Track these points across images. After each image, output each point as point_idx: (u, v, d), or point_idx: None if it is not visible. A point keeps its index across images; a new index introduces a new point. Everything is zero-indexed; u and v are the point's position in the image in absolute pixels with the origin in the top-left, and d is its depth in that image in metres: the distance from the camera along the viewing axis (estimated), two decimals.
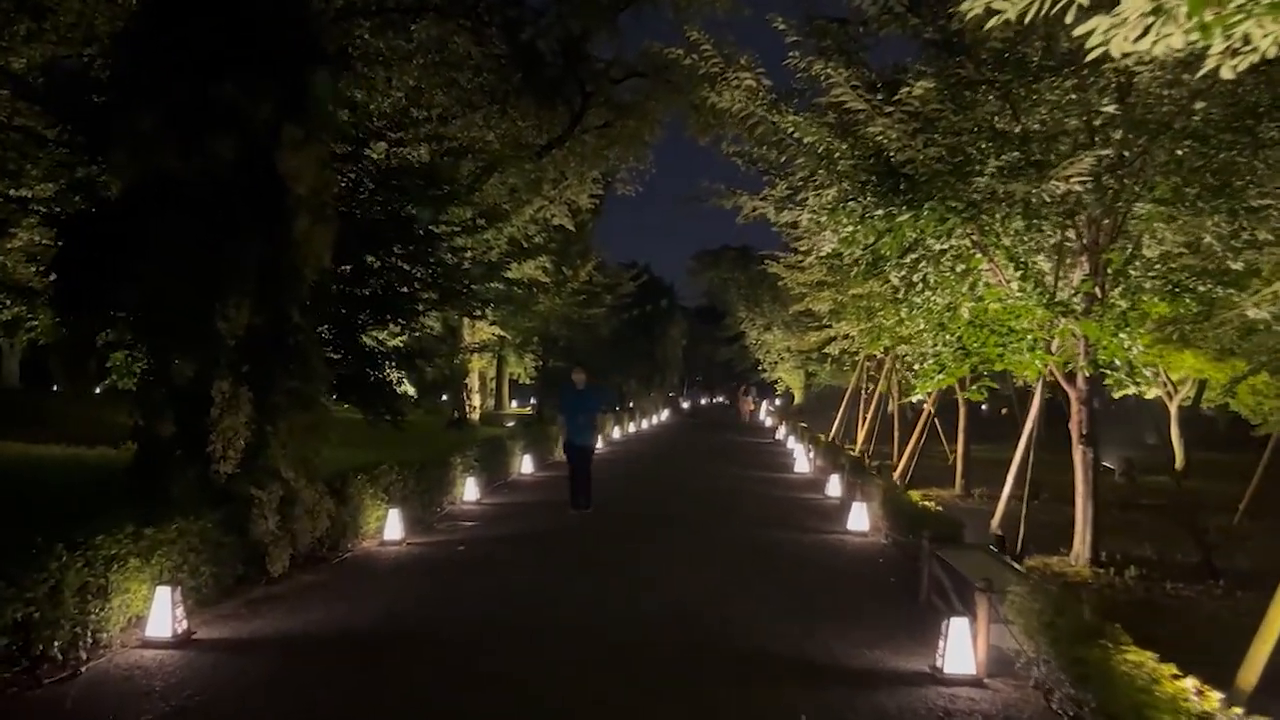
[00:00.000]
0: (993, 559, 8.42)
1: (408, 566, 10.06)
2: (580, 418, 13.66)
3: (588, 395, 14.11)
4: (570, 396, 14.17)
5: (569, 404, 14.08)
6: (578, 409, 13.78)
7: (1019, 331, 9.34)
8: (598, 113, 20.99)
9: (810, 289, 27.65)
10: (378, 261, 13.20)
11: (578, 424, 13.70)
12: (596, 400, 14.34)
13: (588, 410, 13.81)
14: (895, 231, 9.34)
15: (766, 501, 16.09)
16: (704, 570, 10.11)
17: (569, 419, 13.86)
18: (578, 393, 14.03)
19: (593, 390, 14.50)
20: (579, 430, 13.67)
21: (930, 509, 10.55)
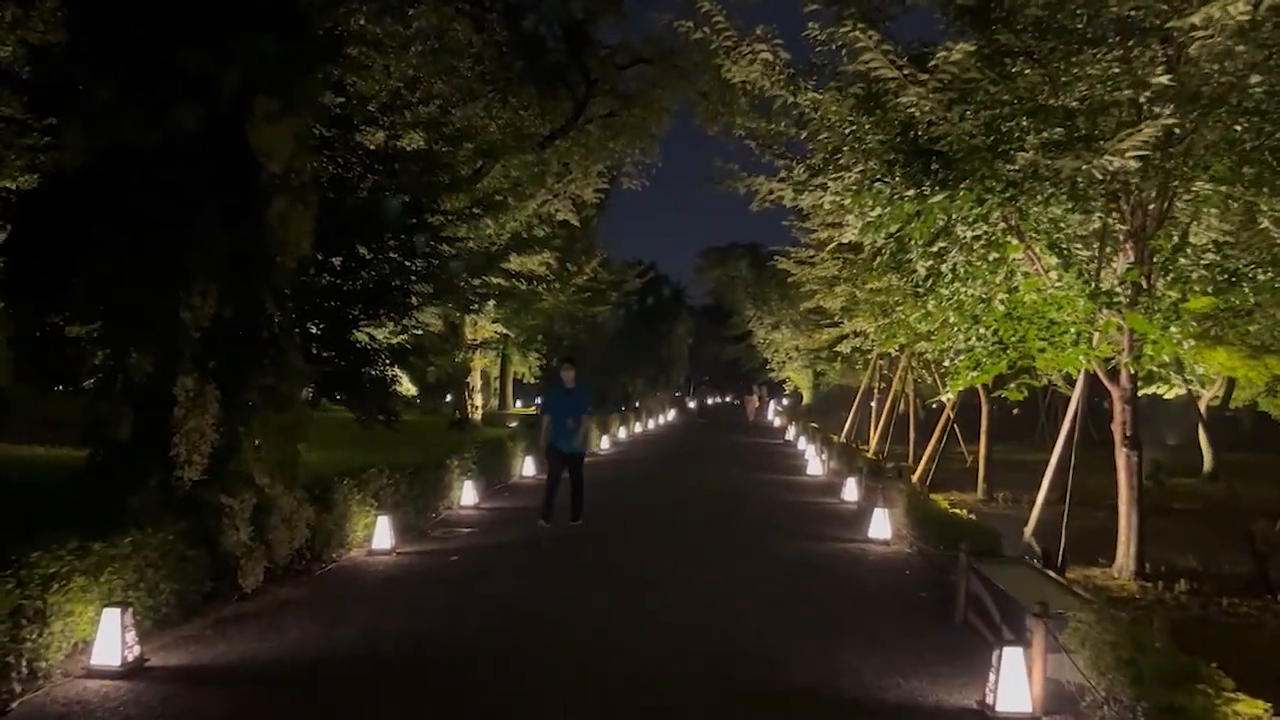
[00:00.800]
0: (1038, 574, 7.63)
1: (396, 579, 9.29)
2: (569, 420, 12.13)
3: (576, 395, 12.47)
4: (555, 396, 12.66)
5: (554, 405, 12.48)
6: (565, 410, 12.23)
7: (1060, 324, 8.53)
8: (602, 102, 20.23)
9: (821, 285, 26.91)
10: (370, 253, 12.44)
11: (565, 428, 12.16)
12: (585, 401, 12.58)
13: (576, 412, 12.20)
14: (925, 216, 8.54)
15: (780, 507, 15.30)
16: (718, 583, 9.33)
17: (555, 422, 12.20)
18: (565, 392, 12.47)
19: (581, 390, 12.77)
20: (565, 435, 12.13)
21: (962, 517, 9.76)
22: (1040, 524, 10.73)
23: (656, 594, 8.82)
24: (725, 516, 14.07)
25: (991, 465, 16.86)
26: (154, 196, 7.30)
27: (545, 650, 6.97)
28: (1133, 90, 7.59)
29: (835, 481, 18.28)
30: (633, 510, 14.65)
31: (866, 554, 11.00)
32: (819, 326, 34.29)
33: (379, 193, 12.42)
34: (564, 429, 12.08)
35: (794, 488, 18.01)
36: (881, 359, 27.89)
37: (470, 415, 28.79)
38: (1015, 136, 7.81)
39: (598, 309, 35.06)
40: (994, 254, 9.74)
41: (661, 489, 17.72)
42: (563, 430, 12.09)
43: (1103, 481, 19.34)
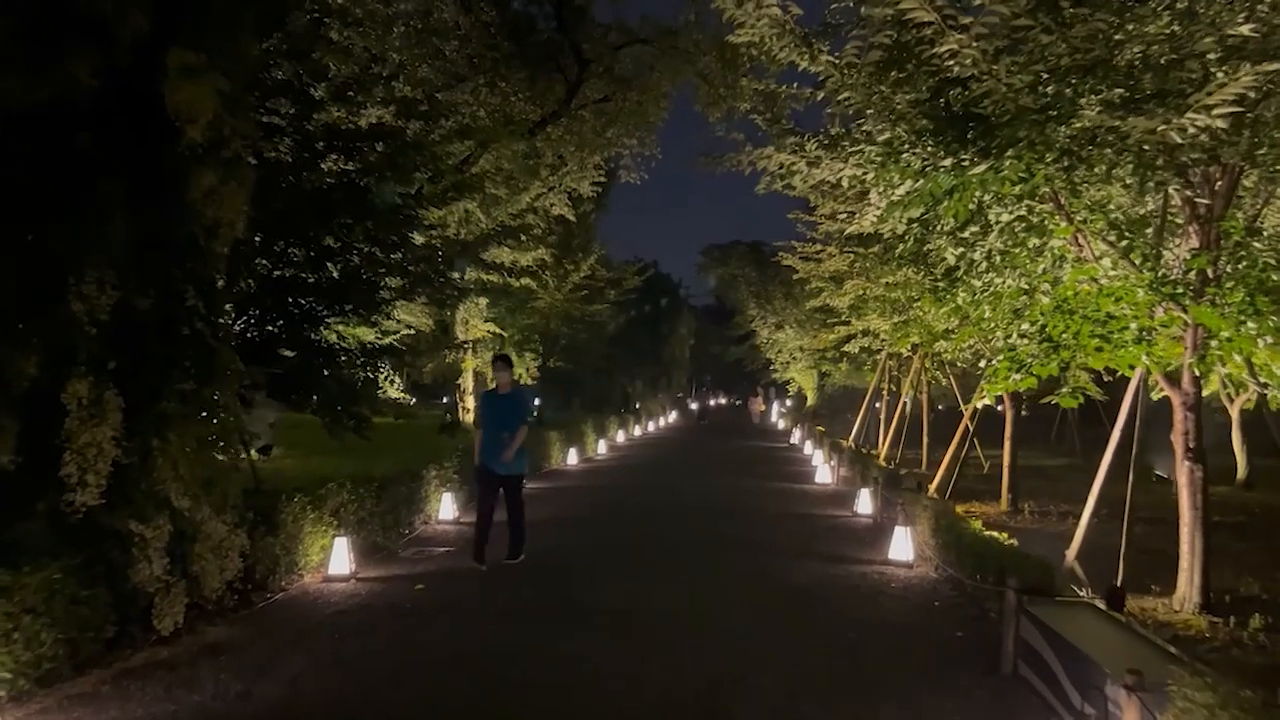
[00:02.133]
0: (1105, 619, 6.37)
1: (347, 613, 8.05)
2: (501, 434, 9.81)
3: (510, 403, 10.09)
4: (486, 405, 10.38)
5: (484, 415, 10.29)
6: (496, 422, 9.93)
7: (1120, 318, 7.27)
8: (596, 85, 18.97)
9: (828, 283, 25.70)
10: (336, 241, 11.18)
11: (497, 443, 9.80)
12: (521, 410, 10.16)
13: (509, 423, 9.86)
14: (961, 193, 7.29)
15: (787, 521, 14.04)
16: (723, 621, 8.07)
17: (486, 435, 9.97)
18: (498, 399, 10.14)
19: (517, 396, 10.39)
20: (498, 452, 9.80)
21: (1001, 542, 8.49)
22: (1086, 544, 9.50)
23: (646, 637, 7.56)
24: (727, 533, 12.80)
25: (1015, 474, 15.58)
26: (38, 165, 6.06)
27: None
28: (1213, 39, 6.33)
29: (846, 491, 17.02)
30: (624, 526, 13.41)
31: (887, 580, 9.74)
32: (825, 326, 33.12)
33: (346, 175, 11.18)
34: (495, 445, 9.83)
35: (802, 498, 16.75)
36: (891, 360, 26.68)
37: (463, 418, 27.53)
38: (1071, 96, 6.55)
39: (595, 308, 33.77)
40: (1034, 239, 8.50)
41: (657, 500, 16.45)
42: (494, 446, 9.84)
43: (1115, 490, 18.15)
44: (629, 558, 10.87)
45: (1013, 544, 8.46)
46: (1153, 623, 8.02)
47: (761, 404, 53.26)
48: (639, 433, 35.28)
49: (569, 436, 22.76)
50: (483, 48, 17.94)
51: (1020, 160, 6.59)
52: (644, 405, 47.16)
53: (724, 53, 17.32)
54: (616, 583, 9.45)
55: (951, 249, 8.94)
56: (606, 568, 10.24)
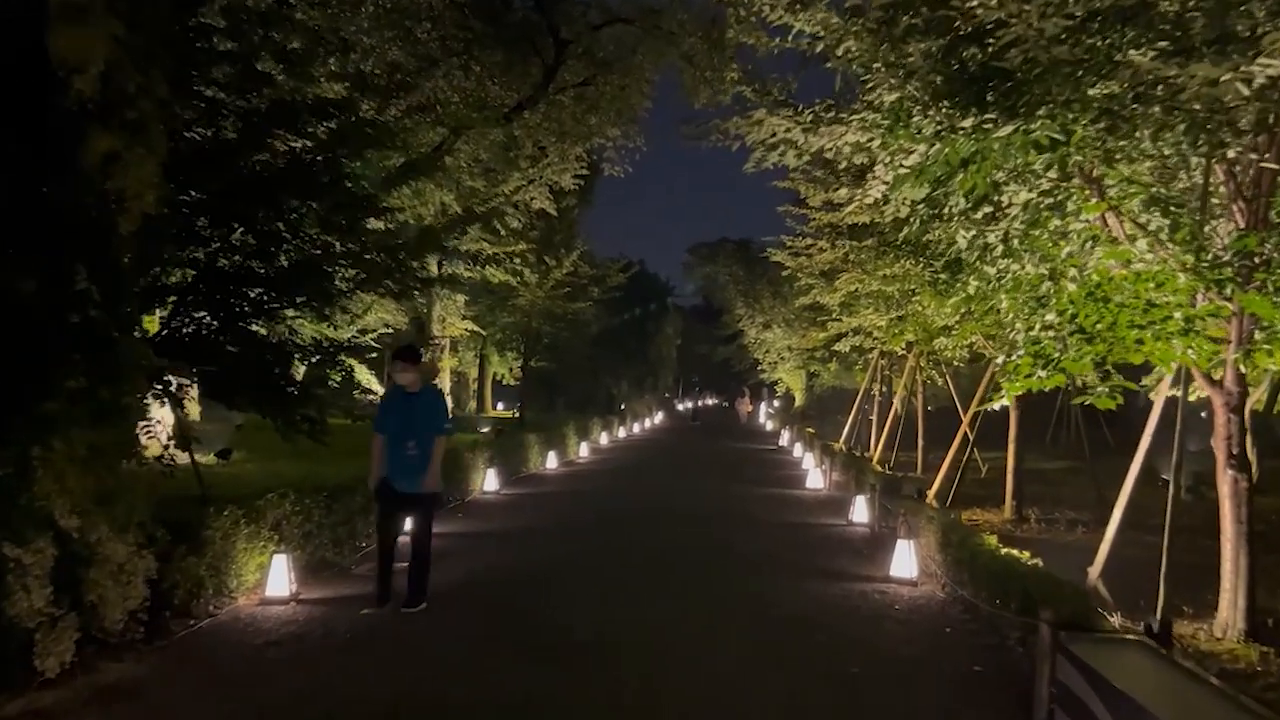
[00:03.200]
0: (1157, 659, 5.41)
1: (282, 644, 7.03)
2: (407, 444, 7.93)
3: (419, 406, 8.12)
4: (391, 408, 8.22)
5: (388, 420, 8.14)
6: (402, 428, 8.00)
7: (1162, 306, 6.31)
8: (575, 68, 18.00)
9: (818, 280, 24.81)
10: (285, 227, 10.15)
11: (402, 455, 7.93)
12: (435, 414, 8.21)
13: (419, 431, 7.99)
14: (981, 160, 6.32)
15: (778, 531, 13.06)
16: (710, 651, 7.09)
17: (389, 445, 8.01)
18: (405, 399, 8.14)
19: (429, 397, 8.36)
20: (403, 466, 7.94)
21: (1022, 561, 7.52)
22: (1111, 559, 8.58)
23: (621, 674, 6.57)
24: (715, 546, 11.83)
25: (1020, 480, 14.64)
26: None
27: None
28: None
29: (840, 498, 16.07)
30: (602, 538, 12.42)
31: (889, 600, 8.77)
32: (814, 324, 32.23)
33: (294, 154, 10.16)
34: (400, 457, 7.91)
35: (793, 505, 15.77)
36: (884, 359, 25.78)
37: None
38: (1113, 46, 5.59)
39: (579, 306, 32.76)
40: (1055, 220, 7.54)
41: (639, 508, 15.45)
42: (399, 459, 7.92)
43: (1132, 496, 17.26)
44: (606, 576, 9.86)
45: (1037, 564, 7.50)
46: (1194, 653, 7.09)
47: (749, 405, 52.42)
48: (624, 434, 34.28)
49: (549, 439, 21.74)
50: (454, 28, 16.94)
51: (1054, 120, 5.63)
52: (630, 406, 46.19)
53: (710, 33, 16.42)
54: (593, 606, 8.45)
55: (963, 232, 7.97)
56: (582, 588, 9.24)
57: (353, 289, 11.04)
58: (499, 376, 41.52)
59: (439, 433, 8.10)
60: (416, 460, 7.94)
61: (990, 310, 13.57)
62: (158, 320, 10.01)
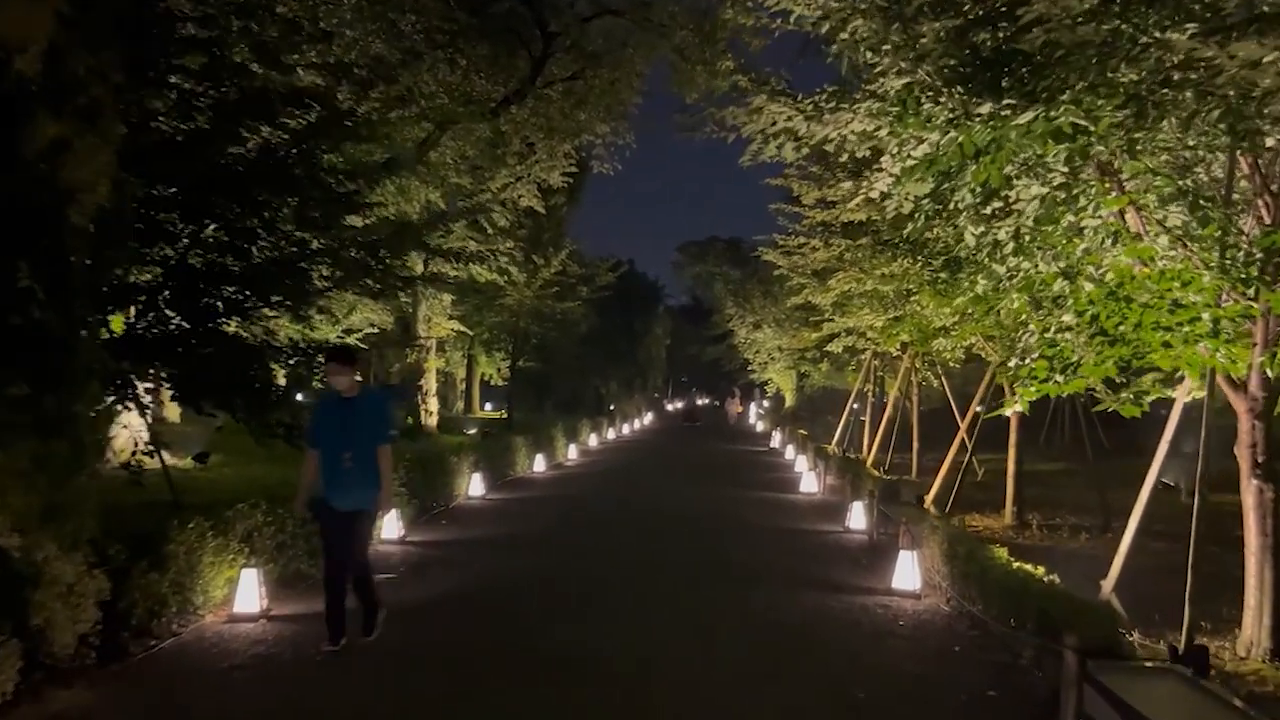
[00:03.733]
0: (1192, 690, 5.00)
1: (247, 667, 6.56)
2: (343, 455, 6.75)
3: (359, 412, 6.90)
4: (325, 416, 7.06)
5: (323, 429, 6.99)
6: (339, 438, 6.83)
7: (1190, 307, 5.91)
8: (563, 62, 17.56)
9: (810, 279, 24.41)
10: (259, 223, 9.68)
11: (339, 469, 6.77)
12: (377, 421, 6.99)
13: (359, 442, 6.81)
14: (996, 150, 5.90)
15: (772, 539, 12.63)
16: (703, 672, 6.65)
17: (324, 458, 6.85)
18: (341, 406, 6.91)
19: (370, 402, 7.14)
20: (341, 481, 6.77)
21: (1037, 578, 7.10)
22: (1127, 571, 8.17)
23: (607, 695, 6.14)
24: (707, 554, 11.40)
25: (1021, 484, 14.25)
26: None
27: None
28: None
29: (836, 502, 15.66)
30: (589, 545, 11.99)
31: (893, 615, 8.35)
32: (806, 324, 31.86)
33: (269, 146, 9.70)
34: (338, 471, 6.76)
35: (787, 510, 15.34)
36: (877, 359, 25.41)
37: (425, 422, 26.02)
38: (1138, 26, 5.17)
39: (567, 305, 32.27)
40: (1069, 216, 7.13)
41: (629, 513, 15.01)
42: (336, 473, 6.76)
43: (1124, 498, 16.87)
44: (595, 587, 9.40)
45: (1054, 581, 7.08)
46: (1217, 673, 6.68)
47: (739, 405, 52.03)
48: (613, 436, 33.83)
49: (537, 441, 21.28)
50: (439, 20, 16.46)
51: (1079, 105, 5.21)
52: (619, 407, 45.75)
53: (702, 25, 16.01)
54: (580, 620, 8.01)
55: (971, 228, 7.55)
56: (569, 600, 8.80)
57: (330, 287, 10.59)
58: (487, 377, 41.01)
59: (382, 442, 6.89)
60: (355, 474, 6.74)
61: (990, 311, 13.22)
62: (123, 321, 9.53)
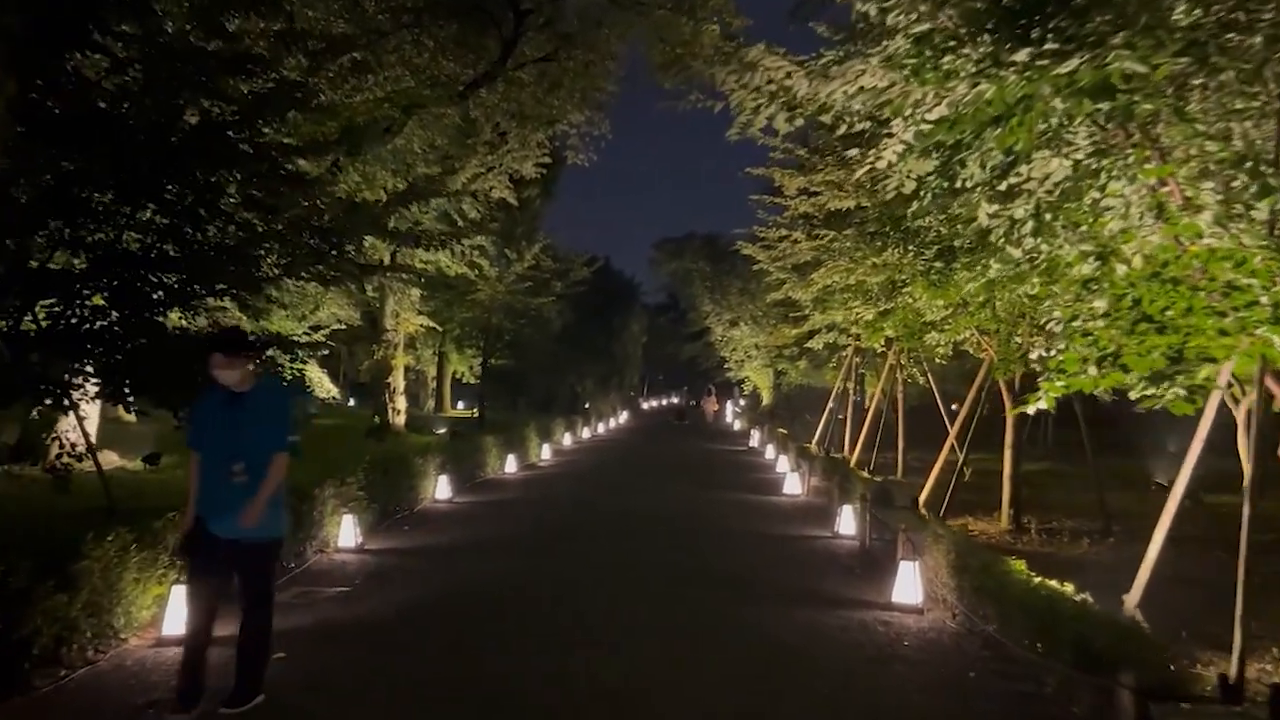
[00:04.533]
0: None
1: (170, 703, 5.69)
2: (230, 466, 5.39)
3: (253, 412, 5.52)
4: (208, 416, 5.62)
5: (204, 432, 5.58)
6: (226, 445, 5.45)
7: (1246, 290, 5.16)
8: (537, 41, 16.67)
9: (791, 274, 23.75)
10: (196, 200, 8.79)
11: (221, 483, 5.40)
12: (273, 422, 5.59)
13: (253, 447, 5.45)
14: (1025, 110, 5.14)
15: (758, 545, 11.86)
16: (689, 710, 5.87)
17: (205, 469, 5.50)
18: (228, 404, 5.52)
19: (265, 398, 5.66)
20: (224, 497, 5.38)
21: (1066, 597, 6.35)
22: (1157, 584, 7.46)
23: None
24: (688, 564, 10.60)
25: (1018, 487, 13.55)
26: None
27: None
28: None
29: (821, 505, 14.92)
30: (561, 555, 11.18)
31: (896, 633, 7.57)
32: (785, 321, 31.23)
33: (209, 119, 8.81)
34: (221, 486, 5.38)
35: (771, 513, 14.57)
36: (858, 356, 24.76)
37: (393, 421, 25.11)
38: None
39: (541, 300, 31.44)
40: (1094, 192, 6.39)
41: (604, 518, 14.17)
42: (219, 489, 5.39)
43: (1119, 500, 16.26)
44: (564, 603, 8.57)
45: (1086, 601, 6.33)
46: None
47: (715, 403, 51.36)
48: (588, 435, 33.00)
49: (509, 440, 20.43)
50: None
51: (1134, 50, 4.45)
52: (594, 405, 44.95)
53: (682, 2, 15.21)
54: (547, 643, 7.19)
55: (986, 205, 6.79)
56: (536, 619, 7.97)
57: (280, 275, 9.72)
58: (459, 374, 40.13)
59: (278, 449, 5.48)
60: (246, 489, 5.32)
61: (986, 304, 12.52)
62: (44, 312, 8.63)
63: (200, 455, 5.56)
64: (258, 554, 5.53)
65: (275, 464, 5.45)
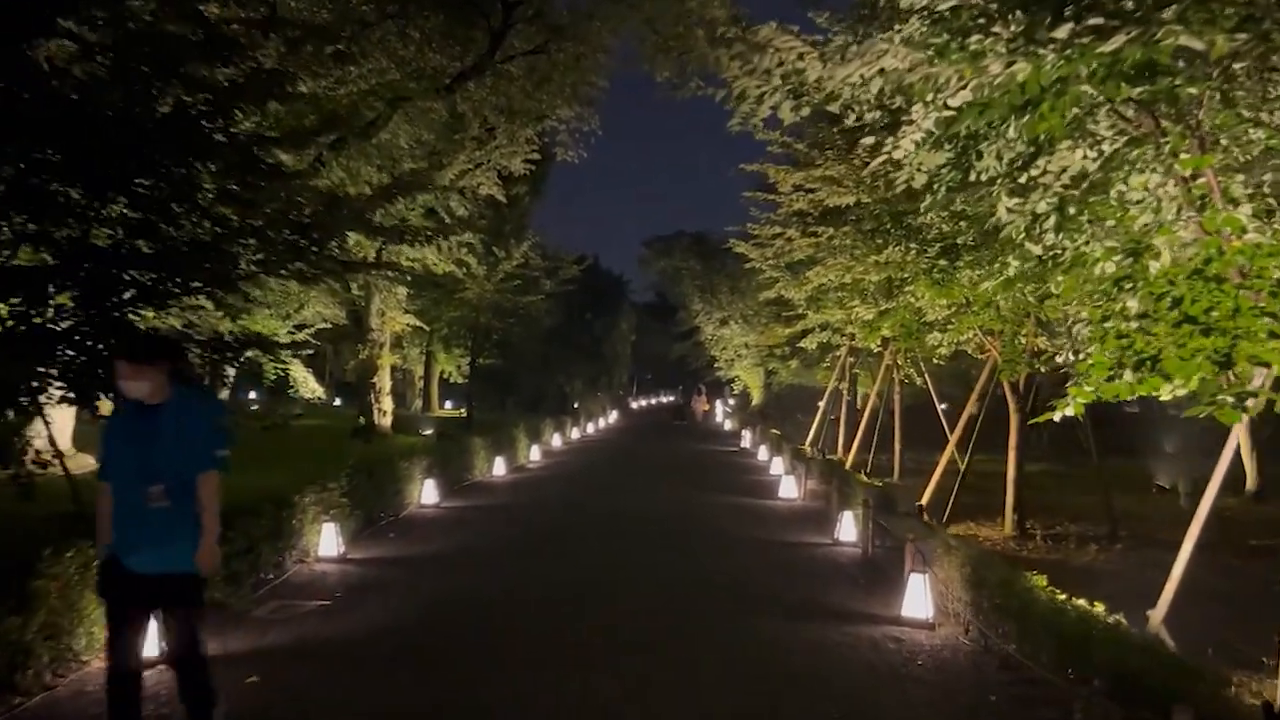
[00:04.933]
0: None
1: None
2: (145, 489, 4.50)
3: (174, 426, 4.57)
4: (119, 436, 4.70)
5: (112, 456, 4.68)
6: (141, 465, 4.54)
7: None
8: (526, 33, 16.23)
9: (784, 273, 23.39)
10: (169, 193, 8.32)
11: (139, 512, 4.52)
12: (197, 438, 4.64)
13: (172, 467, 4.56)
14: (1056, 97, 4.75)
15: (756, 552, 11.45)
16: None
17: (117, 496, 4.61)
18: (141, 420, 4.58)
19: (189, 411, 4.66)
20: (141, 529, 4.54)
21: (1100, 618, 5.95)
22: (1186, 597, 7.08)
23: None
24: (683, 572, 10.19)
25: (1022, 491, 13.19)
26: None
27: None
28: None
29: (819, 509, 14.52)
30: (550, 565, 10.74)
31: (908, 651, 7.15)
32: (777, 320, 30.93)
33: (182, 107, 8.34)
34: (135, 515, 4.56)
35: (768, 518, 14.15)
36: (852, 356, 24.43)
37: (378, 422, 24.62)
38: None
39: (530, 299, 30.97)
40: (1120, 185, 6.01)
41: (594, 524, 13.74)
42: (133, 518, 4.57)
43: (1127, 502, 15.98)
44: (554, 616, 8.12)
45: (1120, 623, 5.94)
46: None
47: (705, 403, 51.02)
48: (577, 435, 32.55)
49: (497, 442, 19.97)
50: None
51: (1190, 25, 4.06)
52: (584, 405, 44.52)
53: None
54: (538, 664, 6.75)
55: (1006, 199, 6.40)
56: (525, 634, 7.54)
57: (257, 271, 9.26)
58: (447, 374, 39.64)
59: (207, 468, 4.66)
60: (165, 518, 4.51)
61: (989, 305, 12.15)
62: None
63: (114, 484, 4.62)
64: (185, 590, 4.65)
65: (206, 486, 4.64)
